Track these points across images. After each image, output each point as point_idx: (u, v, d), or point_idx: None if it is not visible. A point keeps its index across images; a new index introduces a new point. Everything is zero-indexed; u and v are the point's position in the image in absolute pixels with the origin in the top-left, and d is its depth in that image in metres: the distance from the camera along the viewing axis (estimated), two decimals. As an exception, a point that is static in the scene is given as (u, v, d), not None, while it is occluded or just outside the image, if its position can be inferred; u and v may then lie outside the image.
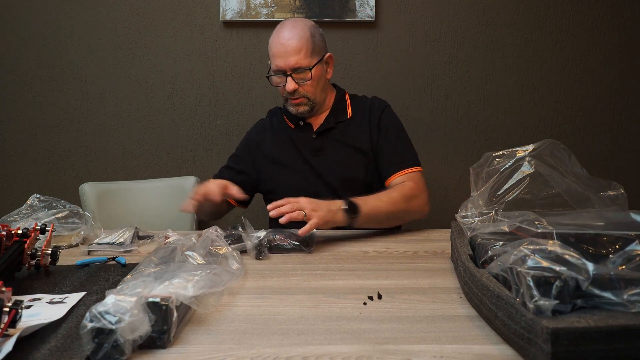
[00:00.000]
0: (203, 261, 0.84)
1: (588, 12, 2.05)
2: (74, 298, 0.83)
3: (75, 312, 0.78)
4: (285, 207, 1.13)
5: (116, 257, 1.08)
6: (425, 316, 0.77)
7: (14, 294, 0.82)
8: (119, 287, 0.70)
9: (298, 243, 1.13)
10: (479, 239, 0.84)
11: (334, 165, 1.47)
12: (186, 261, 0.83)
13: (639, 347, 0.55)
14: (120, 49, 2.06)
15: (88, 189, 1.92)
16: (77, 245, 1.20)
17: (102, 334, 0.61)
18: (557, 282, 0.60)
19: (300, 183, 1.48)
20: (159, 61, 2.06)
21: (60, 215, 1.21)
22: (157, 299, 0.66)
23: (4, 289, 0.64)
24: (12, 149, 2.09)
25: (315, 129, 1.50)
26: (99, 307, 0.62)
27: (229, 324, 0.75)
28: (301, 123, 1.51)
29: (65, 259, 1.08)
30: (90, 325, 0.61)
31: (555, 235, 0.69)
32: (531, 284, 0.60)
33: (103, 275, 0.97)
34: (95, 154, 2.10)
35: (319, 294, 0.87)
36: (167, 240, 0.97)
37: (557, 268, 0.61)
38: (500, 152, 0.88)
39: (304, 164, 1.49)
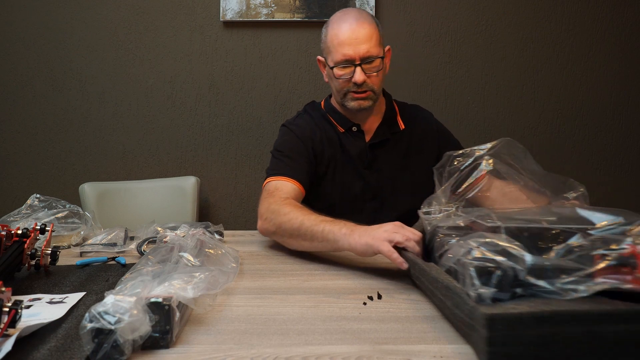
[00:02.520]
0: (196, 262, 0.84)
1: (588, 12, 2.05)
2: (73, 298, 0.83)
3: (75, 312, 0.78)
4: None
5: (116, 257, 1.08)
6: (425, 316, 0.77)
7: (14, 294, 0.82)
8: (118, 287, 0.70)
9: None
10: (440, 234, 0.87)
11: (389, 181, 1.36)
12: (180, 262, 0.83)
13: (570, 331, 0.59)
14: (120, 49, 2.06)
15: (88, 189, 1.92)
16: (77, 245, 1.20)
17: (101, 334, 0.61)
18: (497, 272, 0.64)
19: (346, 196, 1.36)
20: (159, 61, 2.06)
21: (60, 215, 1.21)
22: (159, 299, 0.66)
23: (3, 289, 0.64)
24: (12, 149, 2.09)
25: (368, 138, 1.37)
26: (99, 308, 0.62)
27: (229, 324, 0.75)
28: (354, 129, 1.37)
29: (65, 259, 1.08)
30: (89, 325, 0.61)
31: (503, 230, 0.73)
32: (473, 273, 0.65)
33: (103, 275, 0.97)
34: (95, 154, 2.10)
35: (319, 294, 0.87)
36: (165, 240, 0.97)
37: (498, 259, 0.65)
38: (460, 152, 0.91)
39: (355, 175, 1.37)
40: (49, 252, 0.98)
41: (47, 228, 1.02)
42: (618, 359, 0.60)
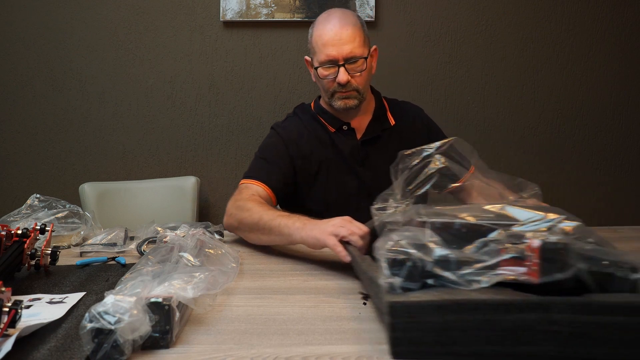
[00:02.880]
0: (196, 262, 0.84)
1: (588, 12, 2.05)
2: (73, 298, 0.83)
3: (75, 312, 0.78)
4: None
5: (116, 257, 1.08)
6: (425, 316, 0.77)
7: (14, 294, 0.82)
8: (118, 287, 0.70)
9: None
10: (387, 228, 0.89)
11: (384, 178, 1.38)
12: (180, 262, 0.83)
13: (468, 319, 0.63)
14: (120, 49, 2.06)
15: (88, 189, 1.92)
16: (77, 245, 1.19)
17: (101, 334, 0.61)
18: (408, 263, 0.68)
19: (341, 195, 1.36)
20: (159, 61, 2.06)
21: (60, 215, 1.21)
22: (159, 299, 0.66)
23: (3, 289, 0.64)
24: (12, 149, 2.09)
25: (360, 136, 1.38)
26: (99, 308, 0.62)
27: (229, 324, 0.75)
28: (344, 128, 1.38)
29: (65, 259, 1.08)
30: (89, 325, 0.61)
31: (429, 224, 0.76)
32: (385, 264, 0.69)
33: (103, 275, 0.97)
34: (95, 154, 2.10)
35: (319, 294, 0.87)
36: (165, 240, 0.97)
37: (410, 251, 0.69)
38: (411, 151, 0.94)
39: (349, 173, 1.37)
40: (49, 252, 0.98)
41: (47, 228, 1.02)
42: (514, 347, 0.63)
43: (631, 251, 1.13)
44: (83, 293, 0.86)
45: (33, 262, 0.97)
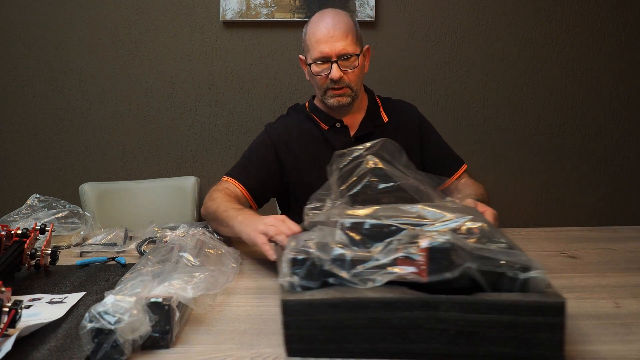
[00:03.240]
0: (197, 262, 0.84)
1: (588, 12, 2.05)
2: (73, 298, 0.83)
3: (75, 312, 0.78)
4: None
5: (116, 257, 1.08)
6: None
7: (14, 294, 0.82)
8: (118, 287, 0.70)
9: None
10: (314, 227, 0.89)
11: None
12: (179, 262, 0.83)
13: (359, 317, 0.64)
14: (120, 49, 2.06)
15: (88, 189, 1.91)
16: (77, 245, 1.20)
17: (101, 334, 0.61)
18: (307, 262, 0.69)
19: None
20: (159, 61, 2.06)
21: (60, 215, 1.21)
22: (159, 299, 0.66)
23: (3, 289, 0.64)
24: (12, 149, 2.09)
25: (353, 133, 1.40)
26: (99, 308, 0.62)
27: (228, 324, 0.75)
28: (338, 125, 1.40)
29: (65, 259, 1.08)
30: (89, 325, 0.61)
31: (339, 225, 0.76)
32: (286, 263, 0.70)
33: (103, 275, 0.97)
34: (95, 154, 2.10)
35: (319, 294, 0.87)
36: (165, 240, 0.97)
37: (310, 250, 0.70)
38: (344, 151, 0.94)
39: None
40: (49, 252, 0.99)
41: (47, 228, 1.02)
42: (404, 344, 0.64)
43: (629, 251, 1.14)
44: (83, 293, 0.86)
45: (33, 262, 0.97)
